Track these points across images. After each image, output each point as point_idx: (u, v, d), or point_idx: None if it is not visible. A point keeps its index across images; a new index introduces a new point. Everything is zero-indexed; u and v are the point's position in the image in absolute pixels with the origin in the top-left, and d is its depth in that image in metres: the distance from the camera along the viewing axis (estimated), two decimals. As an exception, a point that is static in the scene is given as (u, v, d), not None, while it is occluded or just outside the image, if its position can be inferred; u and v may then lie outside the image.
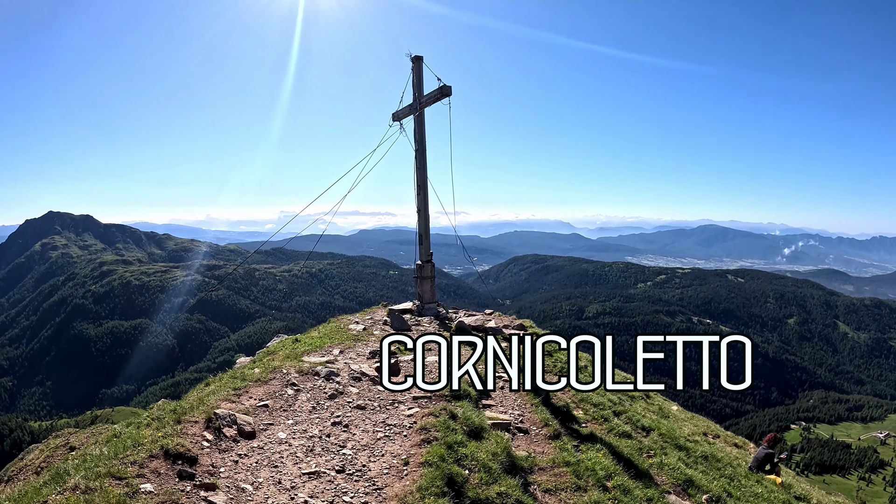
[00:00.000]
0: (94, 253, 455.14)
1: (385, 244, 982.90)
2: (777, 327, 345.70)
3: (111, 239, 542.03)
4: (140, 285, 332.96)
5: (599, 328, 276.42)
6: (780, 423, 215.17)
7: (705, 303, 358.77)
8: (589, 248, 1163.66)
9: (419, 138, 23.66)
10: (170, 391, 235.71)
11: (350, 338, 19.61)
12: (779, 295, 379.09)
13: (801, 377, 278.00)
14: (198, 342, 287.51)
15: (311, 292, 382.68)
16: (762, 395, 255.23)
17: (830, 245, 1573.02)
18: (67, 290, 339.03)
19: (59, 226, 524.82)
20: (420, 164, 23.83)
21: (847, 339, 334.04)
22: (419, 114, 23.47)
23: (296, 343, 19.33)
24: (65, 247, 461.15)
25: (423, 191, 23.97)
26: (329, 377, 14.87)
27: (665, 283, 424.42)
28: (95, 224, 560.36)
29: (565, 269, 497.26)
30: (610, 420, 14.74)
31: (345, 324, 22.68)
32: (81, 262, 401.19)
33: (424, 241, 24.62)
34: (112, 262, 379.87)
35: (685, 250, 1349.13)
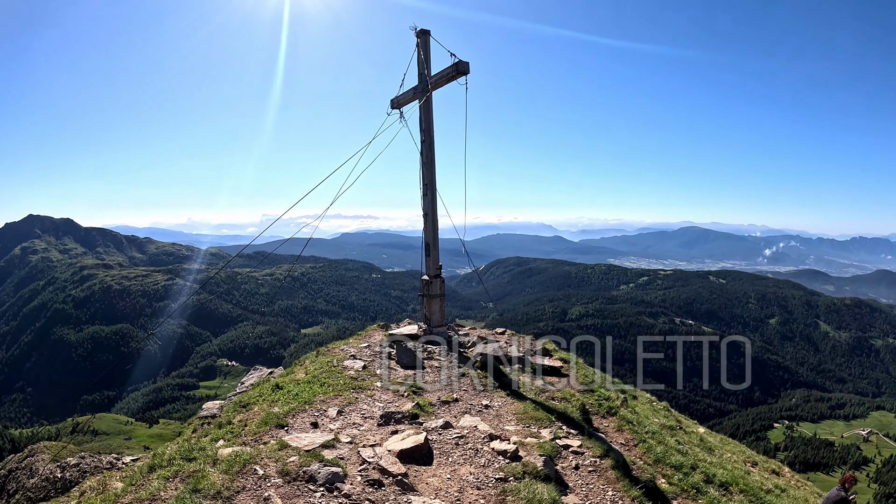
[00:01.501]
0: (75, 257, 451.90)
1: (367, 248, 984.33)
2: (759, 327, 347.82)
3: (92, 243, 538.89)
4: (121, 290, 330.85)
5: (582, 330, 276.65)
6: (764, 422, 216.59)
7: (688, 304, 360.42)
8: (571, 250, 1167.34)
9: (426, 127, 19.69)
10: (152, 397, 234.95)
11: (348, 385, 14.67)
12: (760, 295, 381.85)
13: (784, 376, 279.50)
14: (180, 347, 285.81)
15: (293, 296, 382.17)
16: (745, 394, 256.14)
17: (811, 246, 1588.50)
18: (48, 294, 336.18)
19: (39, 229, 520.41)
20: (427, 158, 19.81)
21: (828, 339, 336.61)
22: (426, 98, 19.46)
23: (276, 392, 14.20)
24: (45, 251, 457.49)
25: (431, 190, 19.91)
26: (331, 484, 9.34)
27: (647, 284, 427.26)
28: (76, 228, 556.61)
29: (548, 272, 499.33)
30: (703, 491, 12.09)
31: (338, 357, 17.70)
32: (62, 266, 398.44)
33: (432, 252, 20.35)
34: (93, 266, 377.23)
35: (667, 252, 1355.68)
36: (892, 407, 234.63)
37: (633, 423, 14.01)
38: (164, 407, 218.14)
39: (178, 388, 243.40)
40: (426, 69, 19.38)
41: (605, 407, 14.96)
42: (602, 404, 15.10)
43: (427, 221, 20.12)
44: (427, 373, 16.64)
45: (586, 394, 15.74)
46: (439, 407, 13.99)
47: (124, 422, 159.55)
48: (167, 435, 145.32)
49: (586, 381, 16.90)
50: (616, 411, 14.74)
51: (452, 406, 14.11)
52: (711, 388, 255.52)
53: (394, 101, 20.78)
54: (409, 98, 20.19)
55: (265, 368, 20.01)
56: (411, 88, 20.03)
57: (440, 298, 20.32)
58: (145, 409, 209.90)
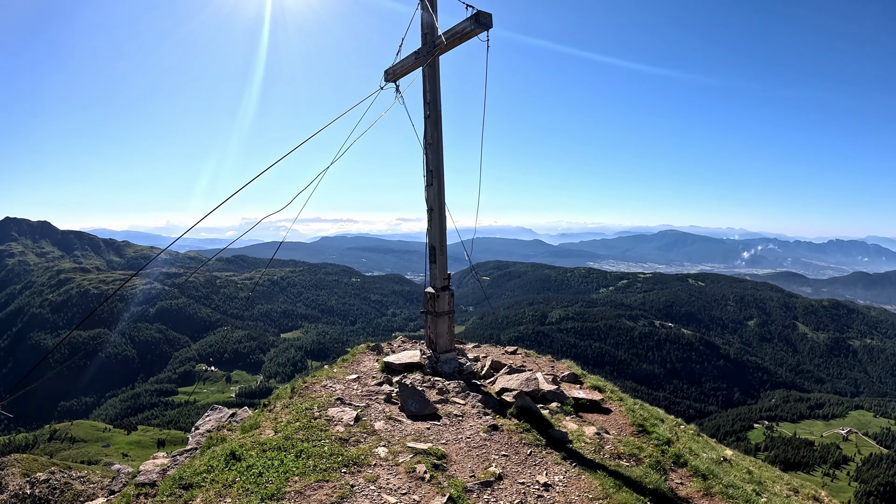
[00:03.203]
0: (52, 260, 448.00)
1: (347, 251, 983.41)
2: (738, 329, 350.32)
3: (69, 246, 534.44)
4: (98, 294, 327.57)
5: (562, 333, 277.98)
6: (744, 423, 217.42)
7: (667, 306, 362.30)
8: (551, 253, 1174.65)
9: (432, 99, 15.23)
10: (130, 403, 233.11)
11: (337, 456, 10.33)
12: (739, 298, 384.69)
13: (763, 377, 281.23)
14: (158, 352, 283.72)
15: (272, 300, 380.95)
16: (725, 395, 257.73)
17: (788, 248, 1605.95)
18: (24, 298, 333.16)
19: (15, 232, 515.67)
20: (433, 138, 15.30)
21: (806, 340, 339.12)
22: (432, 61, 15.14)
23: (232, 468, 9.91)
24: (21, 254, 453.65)
25: (438, 180, 15.58)
26: None
27: (627, 287, 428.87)
28: (53, 230, 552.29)
29: (527, 275, 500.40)
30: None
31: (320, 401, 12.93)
32: (39, 269, 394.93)
33: (439, 258, 15.87)
34: (70, 269, 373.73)
35: (646, 255, 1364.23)
36: (871, 406, 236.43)
37: (711, 475, 11.31)
38: (143, 413, 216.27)
39: (157, 394, 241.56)
40: (431, 31, 15.24)
41: (670, 455, 12.05)
42: (665, 450, 12.21)
43: (433, 219, 15.72)
44: (446, 426, 12.05)
45: (642, 436, 12.83)
46: (478, 493, 9.49)
47: (102, 428, 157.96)
48: (145, 442, 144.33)
49: (633, 416, 13.85)
50: (685, 460, 12.04)
51: (497, 490, 9.70)
52: (691, 389, 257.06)
53: (389, 72, 16.76)
54: (410, 65, 16.05)
55: (225, 409, 15.30)
56: (412, 53, 15.88)
57: (449, 317, 15.90)
58: (123, 416, 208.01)
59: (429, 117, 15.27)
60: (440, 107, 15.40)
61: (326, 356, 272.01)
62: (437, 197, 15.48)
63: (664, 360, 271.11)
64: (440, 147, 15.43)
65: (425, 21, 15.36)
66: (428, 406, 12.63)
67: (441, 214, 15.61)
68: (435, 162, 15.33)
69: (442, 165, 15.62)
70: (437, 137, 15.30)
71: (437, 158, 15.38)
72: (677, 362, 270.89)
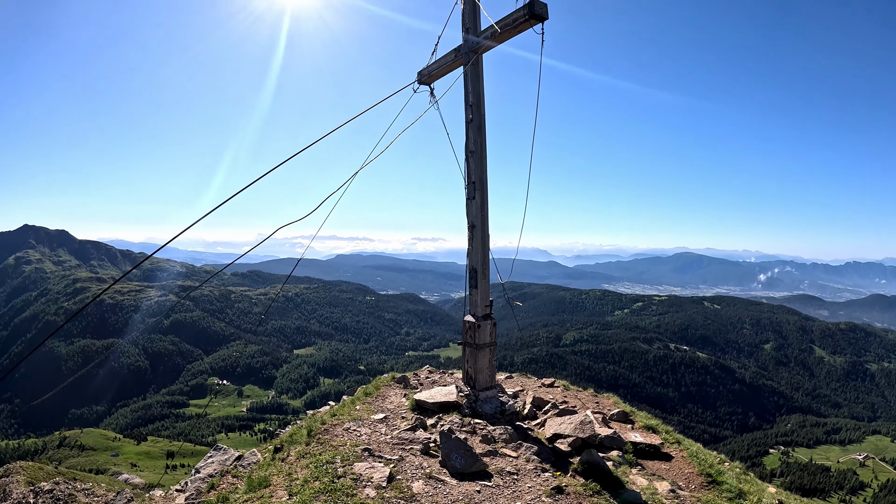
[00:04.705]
0: (69, 269, 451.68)
1: (362, 269, 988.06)
2: (754, 353, 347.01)
3: (86, 255, 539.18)
4: (114, 304, 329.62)
5: (577, 356, 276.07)
6: (759, 448, 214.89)
7: (682, 329, 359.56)
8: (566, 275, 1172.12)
9: (474, 101, 13.62)
10: (141, 413, 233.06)
11: None
12: (755, 321, 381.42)
13: (779, 402, 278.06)
14: (170, 364, 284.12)
15: (286, 316, 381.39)
16: (740, 420, 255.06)
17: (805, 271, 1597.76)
18: (40, 305, 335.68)
19: (33, 239, 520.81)
20: (476, 145, 13.66)
21: (823, 364, 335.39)
22: (475, 60, 13.59)
23: None
24: (39, 261, 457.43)
25: (482, 192, 13.77)
26: None
27: (642, 310, 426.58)
28: (71, 240, 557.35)
29: (542, 297, 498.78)
30: None
31: (343, 452, 10.61)
32: (55, 277, 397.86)
33: (481, 283, 13.93)
34: (86, 279, 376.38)
35: (661, 278, 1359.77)
36: (888, 431, 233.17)
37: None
38: (153, 424, 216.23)
39: (168, 406, 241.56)
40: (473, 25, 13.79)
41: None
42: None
43: (475, 237, 13.88)
44: (500, 488, 9.68)
45: (713, 488, 10.82)
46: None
47: (112, 437, 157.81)
48: (155, 453, 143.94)
49: (699, 464, 11.88)
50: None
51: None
52: (706, 413, 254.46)
53: (423, 74, 15.17)
54: (449, 65, 14.57)
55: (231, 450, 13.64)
56: (452, 50, 14.32)
57: (490, 350, 13.93)
58: (134, 426, 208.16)
59: (471, 122, 13.70)
60: (484, 109, 13.87)
61: (339, 374, 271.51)
62: (480, 212, 13.76)
63: (679, 383, 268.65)
64: (484, 155, 13.83)
65: (467, 14, 13.90)
66: (476, 461, 10.29)
67: (484, 232, 13.88)
68: (478, 172, 13.69)
69: (486, 176, 13.91)
70: (480, 144, 13.71)
71: (481, 168, 13.76)
72: (692, 386, 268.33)
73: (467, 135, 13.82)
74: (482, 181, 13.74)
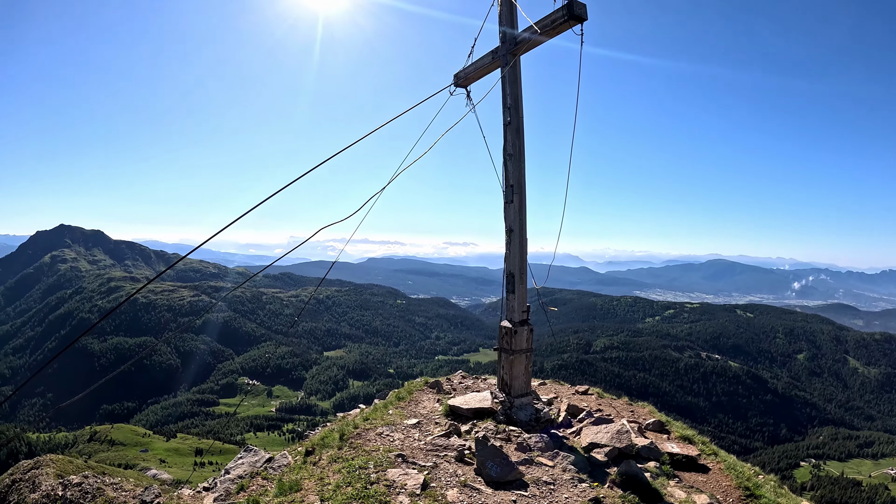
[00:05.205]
0: (103, 268, 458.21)
1: (393, 273, 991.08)
2: (786, 363, 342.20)
3: (121, 255, 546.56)
4: (147, 303, 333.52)
5: (607, 363, 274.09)
6: (790, 461, 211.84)
7: (714, 338, 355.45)
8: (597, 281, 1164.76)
9: (513, 104, 13.46)
10: (171, 411, 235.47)
11: None
12: (788, 330, 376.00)
13: (811, 413, 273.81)
14: (202, 363, 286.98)
15: (317, 318, 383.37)
16: (771, 431, 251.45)
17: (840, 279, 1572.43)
18: (74, 303, 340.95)
19: (69, 239, 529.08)
20: (514, 148, 13.52)
21: (857, 375, 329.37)
22: (513, 63, 13.43)
23: None
24: (74, 260, 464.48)
25: (520, 196, 13.65)
26: None
27: (673, 317, 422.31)
28: (106, 240, 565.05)
29: (573, 303, 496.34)
30: None
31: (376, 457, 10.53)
32: (90, 276, 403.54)
33: (518, 288, 13.85)
34: (120, 278, 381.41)
35: (694, 285, 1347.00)
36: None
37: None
38: (183, 421, 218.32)
39: (198, 404, 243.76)
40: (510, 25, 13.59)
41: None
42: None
43: (512, 241, 13.73)
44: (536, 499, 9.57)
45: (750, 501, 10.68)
46: None
47: (142, 434, 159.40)
48: (183, 449, 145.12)
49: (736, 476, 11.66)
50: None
51: None
52: (737, 423, 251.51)
53: (459, 76, 15.07)
54: (486, 67, 14.38)
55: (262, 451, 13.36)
56: (489, 52, 14.14)
57: (527, 356, 13.81)
58: (164, 423, 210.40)
59: (509, 124, 13.54)
60: (522, 112, 13.62)
61: (368, 376, 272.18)
62: (519, 216, 13.59)
63: (710, 392, 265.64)
64: (522, 158, 13.66)
65: (503, 15, 13.68)
66: (511, 470, 10.15)
67: (522, 236, 13.71)
68: (516, 175, 13.53)
69: (524, 179, 13.73)
70: (519, 147, 13.55)
71: (519, 171, 13.59)
72: (723, 396, 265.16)
73: (505, 138, 13.65)
74: (520, 185, 13.59)
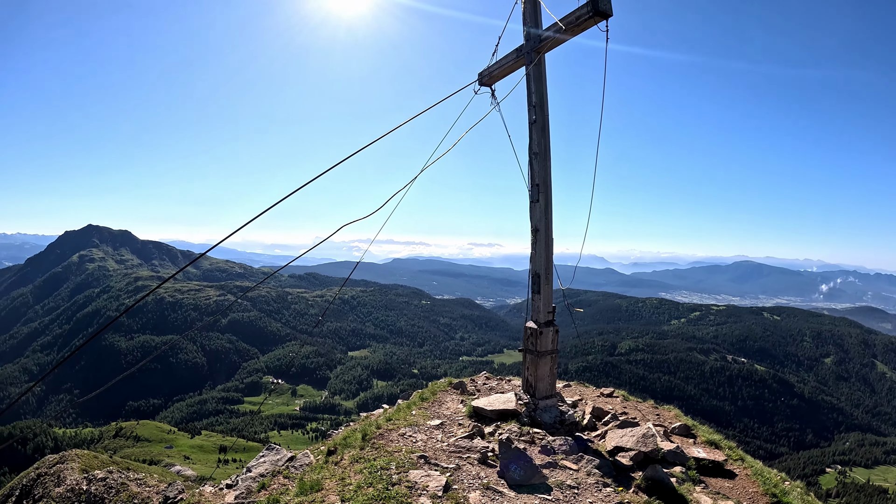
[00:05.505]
0: (131, 268, 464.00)
1: (418, 274, 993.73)
2: (813, 367, 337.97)
3: (148, 255, 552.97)
4: (173, 302, 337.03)
5: (631, 365, 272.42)
6: (815, 467, 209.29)
7: (740, 341, 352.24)
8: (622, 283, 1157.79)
9: (538, 102, 13.39)
10: (196, 408, 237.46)
11: None
12: (815, 333, 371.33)
13: (838, 419, 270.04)
14: (227, 362, 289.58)
15: (342, 318, 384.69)
16: (797, 436, 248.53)
17: (869, 282, 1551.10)
18: (102, 301, 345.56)
19: (97, 239, 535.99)
20: (540, 146, 13.47)
21: (885, 380, 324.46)
22: (538, 60, 13.40)
23: None
24: (102, 260, 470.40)
25: (546, 195, 13.56)
26: None
27: (699, 319, 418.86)
28: (133, 240, 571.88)
29: (598, 304, 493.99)
30: None
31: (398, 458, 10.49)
32: (117, 275, 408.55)
33: (544, 288, 13.82)
34: (147, 277, 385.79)
35: (720, 286, 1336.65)
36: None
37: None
38: (208, 419, 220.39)
39: (223, 402, 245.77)
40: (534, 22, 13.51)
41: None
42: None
43: (538, 241, 13.66)
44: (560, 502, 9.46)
45: None
46: None
47: (167, 430, 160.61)
48: (208, 447, 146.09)
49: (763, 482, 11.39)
50: None
51: None
52: (762, 428, 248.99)
53: (483, 75, 15.02)
54: (510, 65, 14.28)
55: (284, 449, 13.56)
56: (514, 50, 14.03)
57: (552, 357, 13.76)
58: (189, 420, 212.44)
59: (535, 122, 13.42)
60: (547, 109, 13.57)
61: (392, 377, 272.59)
62: (545, 215, 13.51)
63: (735, 396, 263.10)
64: (548, 156, 13.56)
65: (528, 13, 13.59)
66: (535, 473, 10.03)
67: (548, 236, 13.63)
68: (542, 174, 13.44)
69: (550, 178, 13.60)
70: (544, 145, 13.47)
71: (545, 170, 13.49)
72: (749, 400, 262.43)
73: (531, 136, 13.57)
74: (546, 184, 13.50)
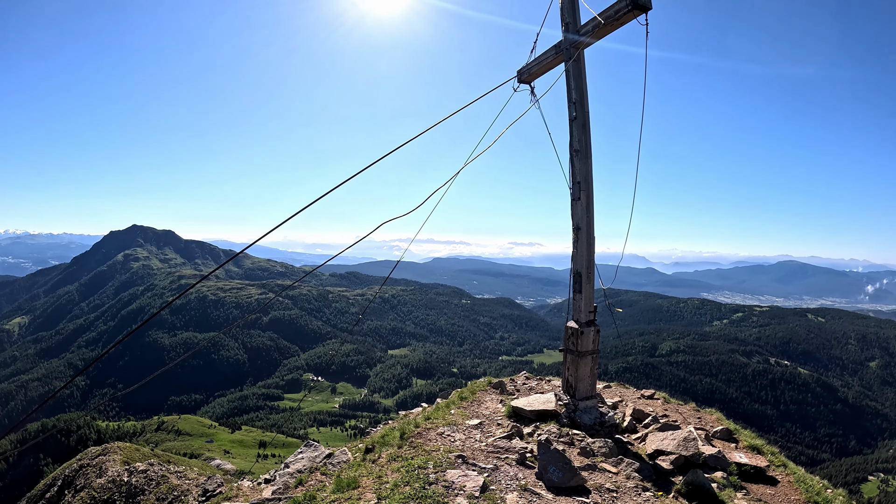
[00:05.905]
0: (174, 266, 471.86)
1: (458, 273, 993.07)
2: (858, 370, 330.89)
3: (191, 254, 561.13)
4: (216, 300, 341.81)
5: (672, 367, 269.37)
6: (858, 474, 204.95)
7: (783, 343, 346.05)
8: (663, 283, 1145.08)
9: (578, 99, 13.30)
10: (237, 404, 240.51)
11: None
12: (861, 336, 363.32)
13: (882, 425, 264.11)
14: (268, 359, 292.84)
15: (382, 317, 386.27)
16: (839, 442, 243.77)
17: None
18: (146, 299, 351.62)
19: (141, 238, 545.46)
20: (581, 143, 13.39)
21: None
22: (577, 56, 13.26)
23: None
24: (146, 259, 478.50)
25: (587, 193, 13.49)
26: None
27: (742, 321, 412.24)
28: (176, 239, 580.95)
29: (639, 304, 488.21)
30: None
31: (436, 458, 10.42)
32: (161, 274, 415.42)
33: (585, 287, 13.74)
34: (190, 276, 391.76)
35: (763, 287, 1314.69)
36: None
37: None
38: (248, 414, 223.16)
39: (263, 398, 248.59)
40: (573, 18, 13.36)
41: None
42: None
43: (580, 239, 13.60)
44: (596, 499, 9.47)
45: None
46: None
47: (208, 425, 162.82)
48: (248, 441, 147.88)
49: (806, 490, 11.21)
50: None
51: None
52: (804, 433, 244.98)
53: (522, 72, 14.83)
54: (549, 62, 14.12)
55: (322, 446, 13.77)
56: (552, 47, 13.95)
57: (593, 357, 13.59)
58: (229, 415, 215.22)
59: (575, 119, 13.35)
60: (587, 106, 13.43)
61: (432, 375, 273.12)
62: (586, 213, 13.44)
63: (777, 400, 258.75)
64: (589, 154, 13.43)
65: (565, 8, 13.45)
66: (574, 475, 9.82)
67: (590, 234, 13.56)
68: (583, 171, 13.33)
69: (591, 176, 13.48)
70: (585, 142, 13.35)
71: (586, 167, 13.37)
72: (791, 404, 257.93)
73: (571, 133, 13.52)
74: (587, 181, 13.44)
